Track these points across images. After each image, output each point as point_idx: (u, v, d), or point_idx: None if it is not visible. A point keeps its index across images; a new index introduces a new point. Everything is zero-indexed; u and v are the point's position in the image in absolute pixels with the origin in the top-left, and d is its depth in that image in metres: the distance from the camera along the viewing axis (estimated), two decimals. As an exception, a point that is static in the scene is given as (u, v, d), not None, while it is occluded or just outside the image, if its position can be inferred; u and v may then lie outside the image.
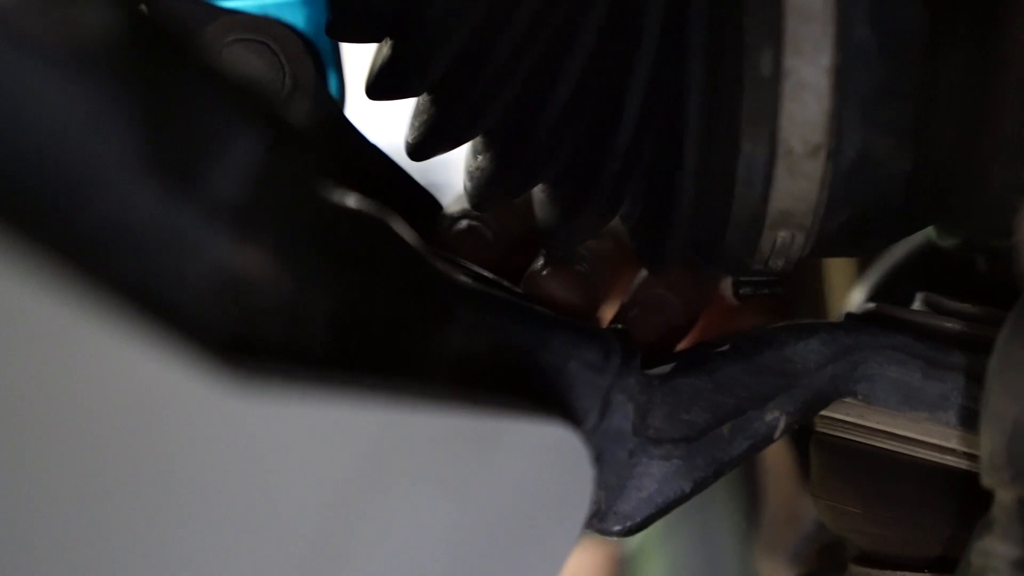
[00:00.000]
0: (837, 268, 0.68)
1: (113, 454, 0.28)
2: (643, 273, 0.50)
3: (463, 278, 0.43)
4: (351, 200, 0.37)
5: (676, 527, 0.87)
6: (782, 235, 0.44)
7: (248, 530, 0.31)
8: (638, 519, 0.44)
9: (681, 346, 0.50)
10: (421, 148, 0.47)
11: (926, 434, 0.45)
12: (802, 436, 0.50)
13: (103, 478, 0.28)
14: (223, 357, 0.29)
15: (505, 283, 0.45)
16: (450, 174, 0.54)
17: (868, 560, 0.47)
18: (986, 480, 0.41)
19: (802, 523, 0.66)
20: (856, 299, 0.56)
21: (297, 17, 0.49)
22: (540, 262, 0.47)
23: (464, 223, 0.49)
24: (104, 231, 0.29)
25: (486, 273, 0.45)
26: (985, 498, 0.42)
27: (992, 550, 0.41)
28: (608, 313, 0.51)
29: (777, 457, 0.69)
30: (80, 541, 0.28)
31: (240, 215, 0.31)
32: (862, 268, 0.61)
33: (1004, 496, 0.41)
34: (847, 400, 0.45)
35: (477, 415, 0.37)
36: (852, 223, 0.45)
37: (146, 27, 0.30)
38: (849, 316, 0.48)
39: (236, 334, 0.32)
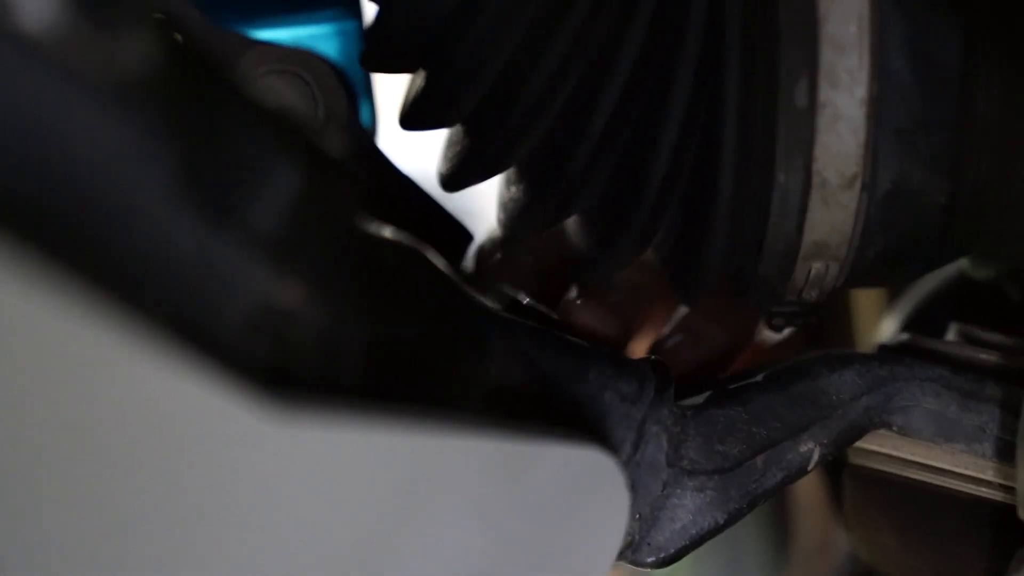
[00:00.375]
0: (865, 295, 0.67)
1: (151, 485, 0.28)
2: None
3: (498, 307, 0.43)
4: (386, 231, 0.37)
5: (704, 559, 0.86)
6: (816, 266, 0.44)
7: (285, 557, 0.31)
8: (672, 550, 0.44)
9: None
10: (454, 179, 0.47)
11: (962, 466, 0.45)
12: (834, 468, 0.49)
13: (141, 507, 0.28)
14: (260, 385, 0.29)
15: (542, 308, 0.45)
16: (480, 201, 0.54)
17: (902, 592, 0.47)
18: (1022, 512, 0.41)
19: (833, 556, 0.65)
20: (888, 329, 0.56)
21: (330, 48, 0.49)
22: (574, 292, 0.47)
23: (500, 255, 0.49)
24: (143, 263, 0.29)
25: (523, 298, 0.45)
26: (1021, 530, 0.42)
27: (1029, 583, 0.41)
28: (643, 344, 0.51)
29: (808, 489, 0.68)
30: (123, 570, 0.28)
31: (278, 247, 0.31)
32: (890, 295, 0.61)
33: (1041, 529, 0.41)
34: (882, 431, 0.45)
35: (512, 440, 0.37)
36: (887, 253, 0.44)
37: (185, 58, 0.30)
38: (883, 347, 0.48)
39: (273, 366, 0.32)
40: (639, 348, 0.51)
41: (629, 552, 0.44)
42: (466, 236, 0.52)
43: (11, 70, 0.27)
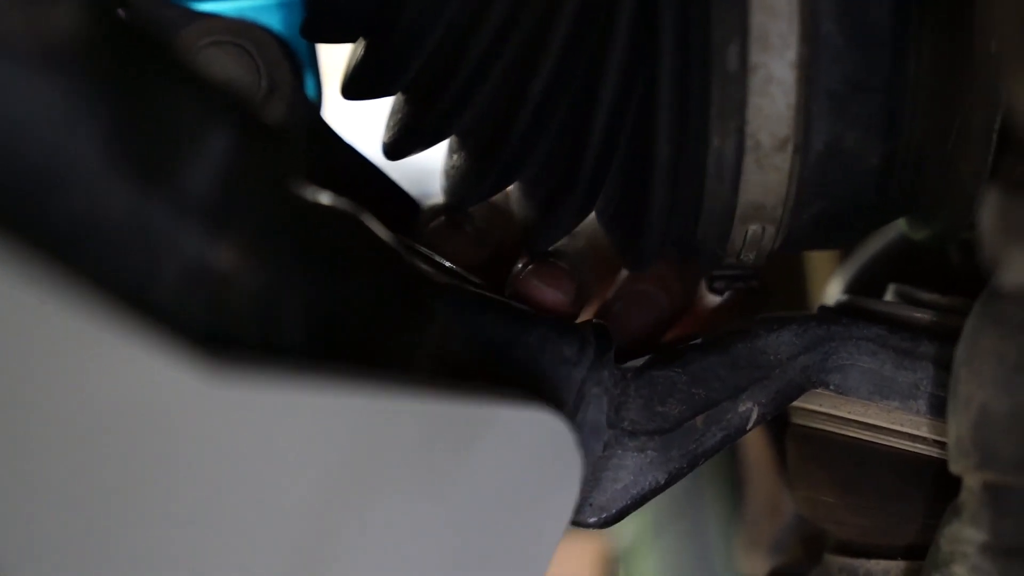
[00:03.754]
0: (818, 262, 0.68)
1: (90, 447, 0.28)
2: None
3: (438, 274, 0.44)
4: (324, 197, 0.37)
5: (667, 526, 0.87)
6: (753, 228, 0.44)
7: (230, 522, 0.31)
8: (613, 510, 0.45)
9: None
10: (396, 147, 0.47)
11: (898, 423, 0.45)
12: (781, 429, 0.50)
13: (81, 472, 0.28)
14: (198, 347, 0.29)
15: (476, 279, 0.45)
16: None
17: (844, 549, 0.48)
18: (954, 466, 0.42)
19: (782, 516, 0.66)
20: (832, 292, 0.56)
21: (273, 20, 0.49)
22: (522, 262, 0.47)
23: (443, 219, 0.50)
24: (76, 226, 0.29)
25: (458, 269, 0.45)
26: (955, 485, 0.43)
27: (961, 535, 0.42)
28: (588, 311, 0.51)
29: (758, 451, 0.69)
30: (61, 534, 0.29)
31: (212, 211, 0.31)
32: (842, 261, 0.61)
33: (971, 481, 0.42)
34: (820, 391, 0.46)
35: (460, 403, 0.37)
36: (823, 216, 0.45)
37: (116, 25, 0.30)
38: (822, 308, 0.49)
39: (212, 329, 0.32)
40: (584, 316, 0.52)
41: (572, 513, 0.45)
42: (413, 207, 0.52)
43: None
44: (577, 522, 0.45)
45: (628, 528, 0.88)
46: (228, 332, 0.33)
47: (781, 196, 0.43)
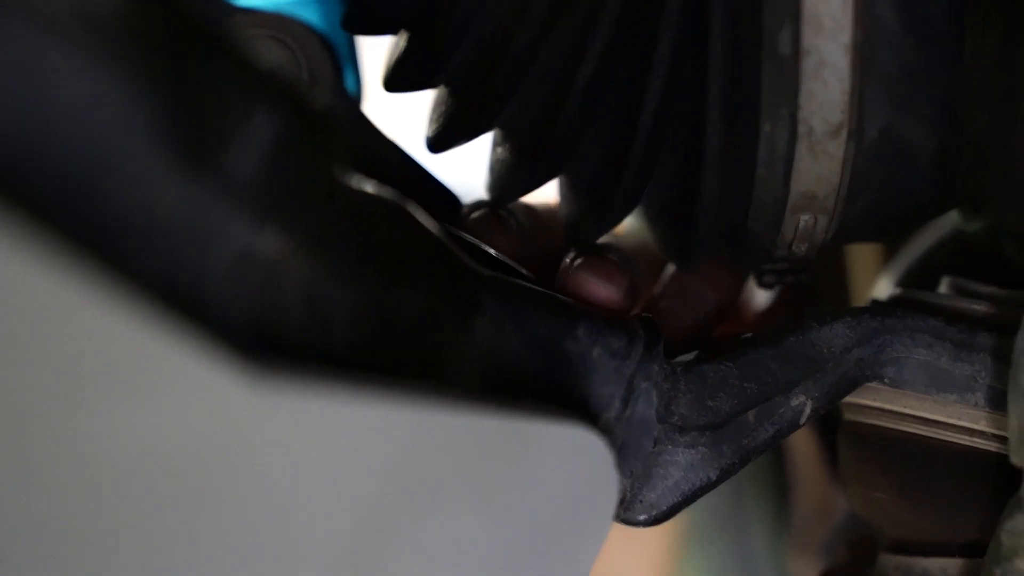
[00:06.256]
0: (861, 262, 0.67)
1: (133, 447, 0.27)
2: (672, 267, 0.50)
3: (485, 268, 0.43)
4: (372, 187, 0.36)
5: (712, 541, 0.86)
6: (805, 219, 0.43)
7: (270, 534, 0.31)
8: (664, 507, 0.44)
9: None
10: (439, 140, 0.46)
11: (955, 417, 0.44)
12: (830, 428, 0.49)
13: (119, 473, 0.27)
14: (245, 348, 0.29)
15: (524, 271, 0.45)
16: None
17: (900, 548, 0.47)
18: (1015, 458, 0.41)
19: (832, 517, 0.65)
20: (881, 290, 0.55)
21: (313, 14, 0.49)
22: (571, 256, 0.46)
23: (486, 211, 0.49)
24: (121, 211, 0.29)
25: (506, 260, 0.44)
26: (1016, 480, 0.42)
27: (1023, 528, 0.41)
28: (636, 311, 0.50)
29: (805, 452, 0.68)
30: (96, 539, 0.28)
31: (260, 195, 0.31)
32: (886, 259, 0.60)
33: (1034, 473, 0.41)
34: (874, 385, 0.45)
35: (505, 418, 0.36)
36: (876, 206, 0.44)
37: (163, 5, 0.30)
38: (875, 302, 0.48)
39: (258, 317, 0.31)
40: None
41: (621, 510, 0.44)
42: (455, 202, 0.52)
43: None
44: (626, 519, 0.44)
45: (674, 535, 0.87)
46: (273, 323, 0.32)
47: (834, 185, 0.43)
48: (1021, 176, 0.43)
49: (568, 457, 0.39)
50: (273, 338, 0.31)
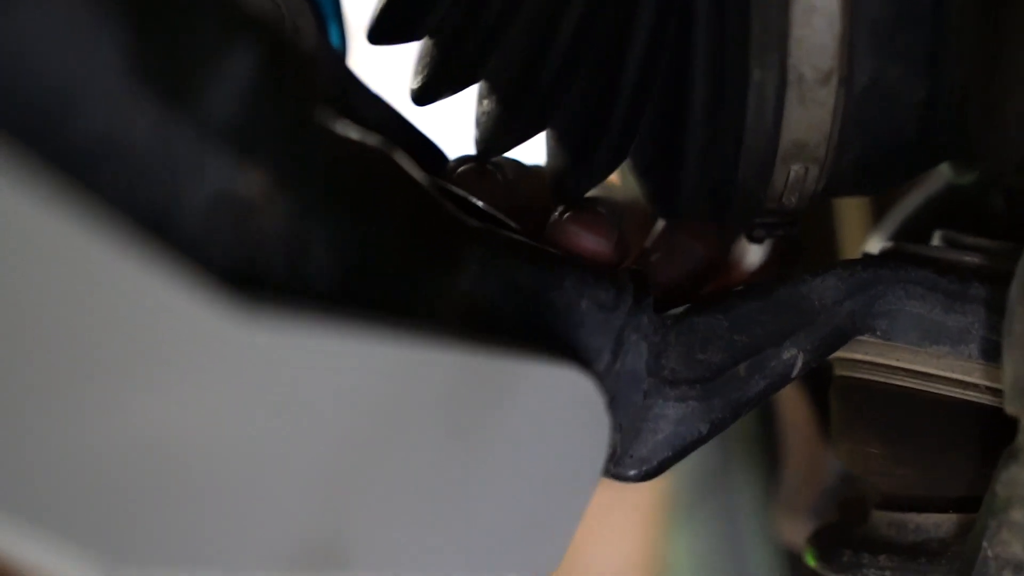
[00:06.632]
0: (851, 228, 0.67)
1: (108, 375, 0.27)
2: (662, 221, 0.49)
3: (471, 217, 0.42)
4: (354, 131, 0.36)
5: (699, 501, 0.86)
6: (795, 168, 0.43)
7: (251, 467, 0.30)
8: (655, 462, 0.43)
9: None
10: (424, 92, 0.46)
11: (948, 369, 0.44)
12: (820, 387, 0.49)
13: (97, 403, 0.27)
14: (225, 281, 0.28)
15: (513, 224, 0.44)
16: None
17: (893, 504, 0.47)
18: (1010, 407, 0.40)
19: (822, 480, 0.65)
20: (872, 246, 0.55)
21: (296, -33, 0.48)
22: (559, 210, 0.46)
23: (473, 164, 0.48)
24: (97, 146, 0.28)
25: (494, 211, 0.44)
26: (1010, 432, 0.41)
27: (1018, 479, 0.40)
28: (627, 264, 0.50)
29: (795, 413, 0.68)
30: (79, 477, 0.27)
31: (238, 133, 0.30)
32: (875, 220, 0.60)
33: (1029, 422, 0.40)
34: (866, 338, 0.44)
35: (489, 356, 0.36)
36: (866, 156, 0.44)
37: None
38: (867, 254, 0.47)
39: (238, 258, 0.31)
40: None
41: (611, 465, 0.43)
42: (441, 157, 0.51)
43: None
44: (617, 475, 0.43)
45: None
46: (255, 265, 0.32)
47: (825, 133, 0.42)
48: (1003, 125, 0.43)
49: (557, 398, 0.39)
50: (254, 274, 0.31)
